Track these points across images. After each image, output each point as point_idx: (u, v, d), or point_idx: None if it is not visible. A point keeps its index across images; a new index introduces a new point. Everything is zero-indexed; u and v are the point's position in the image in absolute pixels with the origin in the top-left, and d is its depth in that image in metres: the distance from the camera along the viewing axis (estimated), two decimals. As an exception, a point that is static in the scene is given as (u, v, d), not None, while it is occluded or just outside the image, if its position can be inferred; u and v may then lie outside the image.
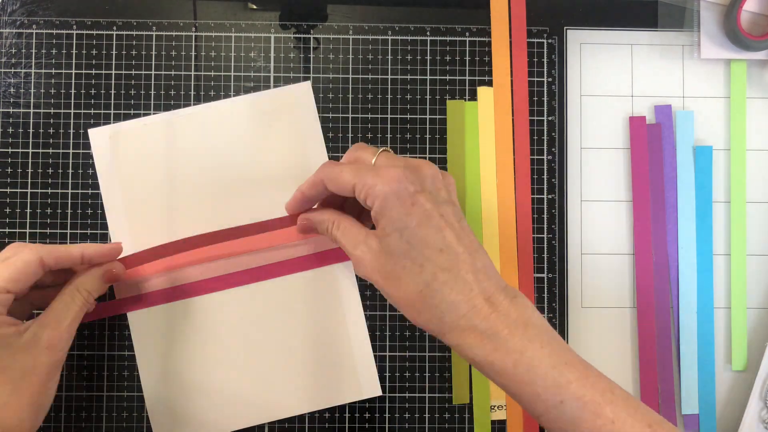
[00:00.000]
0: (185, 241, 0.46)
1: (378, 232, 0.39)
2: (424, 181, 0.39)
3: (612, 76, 0.51)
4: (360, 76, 0.50)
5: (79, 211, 0.49)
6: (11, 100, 0.49)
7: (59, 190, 0.49)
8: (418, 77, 0.50)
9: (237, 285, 0.48)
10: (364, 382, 0.48)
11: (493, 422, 0.49)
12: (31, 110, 0.49)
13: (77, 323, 0.42)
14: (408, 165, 0.39)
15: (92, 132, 0.49)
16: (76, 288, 0.42)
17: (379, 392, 0.48)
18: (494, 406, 0.49)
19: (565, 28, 0.51)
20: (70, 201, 0.49)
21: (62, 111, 0.49)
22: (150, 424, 0.48)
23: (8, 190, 0.49)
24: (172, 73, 0.50)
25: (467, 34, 0.51)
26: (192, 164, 0.49)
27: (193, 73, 0.50)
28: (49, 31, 0.50)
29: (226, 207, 0.48)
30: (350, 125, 0.50)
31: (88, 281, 0.43)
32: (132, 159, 0.49)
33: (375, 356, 0.49)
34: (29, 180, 0.49)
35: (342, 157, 0.43)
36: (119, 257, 0.45)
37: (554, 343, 0.37)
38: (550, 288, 0.50)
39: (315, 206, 0.45)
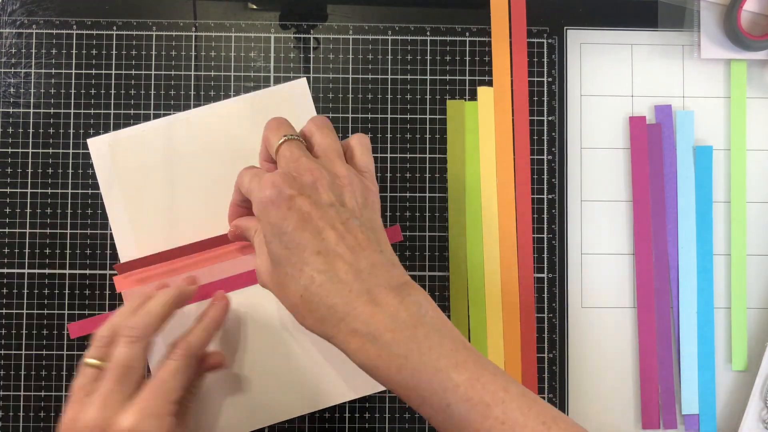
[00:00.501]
0: (190, 247, 0.46)
1: (264, 240, 0.38)
2: (304, 185, 0.37)
3: (612, 76, 0.51)
4: (360, 76, 0.50)
5: (79, 211, 0.49)
6: (11, 100, 0.49)
7: (59, 190, 0.49)
8: (418, 77, 0.50)
9: (234, 288, 0.48)
10: (361, 379, 0.48)
11: None
12: (31, 110, 0.49)
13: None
14: (293, 167, 0.38)
15: (91, 141, 0.48)
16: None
17: (379, 388, 0.48)
18: None
19: (565, 28, 0.51)
20: (70, 201, 0.49)
21: (62, 111, 0.49)
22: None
23: (8, 190, 0.49)
24: (172, 73, 0.50)
25: (467, 34, 0.51)
26: (192, 167, 0.48)
27: (193, 73, 0.50)
28: (49, 31, 0.50)
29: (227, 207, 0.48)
30: (350, 125, 0.50)
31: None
32: (132, 165, 0.48)
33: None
34: (29, 180, 0.49)
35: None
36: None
37: (446, 343, 0.35)
38: (550, 288, 0.50)
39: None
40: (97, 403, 0.38)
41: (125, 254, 0.48)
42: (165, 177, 0.48)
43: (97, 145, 0.48)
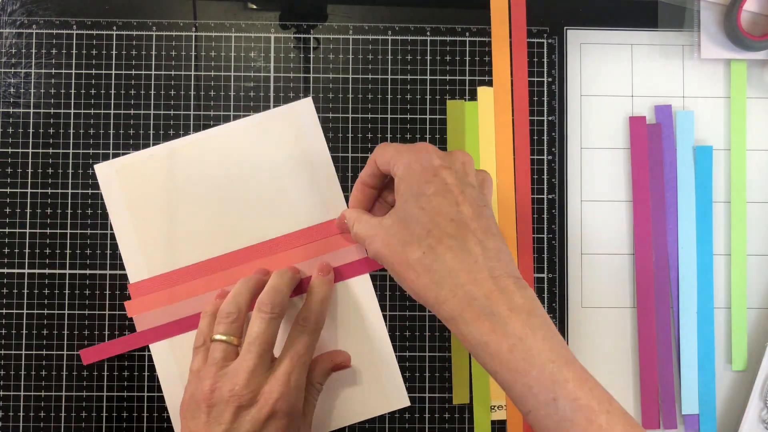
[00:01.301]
0: (207, 264, 0.47)
1: (395, 202, 0.40)
2: (454, 161, 0.40)
3: (612, 76, 0.51)
4: (360, 76, 0.50)
5: (79, 211, 0.49)
6: (11, 100, 0.49)
7: (59, 190, 0.49)
8: (418, 77, 0.50)
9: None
10: (390, 394, 0.48)
11: (493, 422, 0.49)
12: (31, 110, 0.49)
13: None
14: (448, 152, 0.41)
15: (98, 167, 0.49)
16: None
17: (407, 402, 0.48)
18: (494, 407, 0.49)
19: (565, 28, 0.51)
20: (70, 201, 0.49)
21: (62, 111, 0.49)
22: None
23: (8, 190, 0.49)
24: (172, 73, 0.50)
25: (467, 34, 0.51)
26: (200, 188, 0.48)
27: (193, 73, 0.50)
28: (49, 31, 0.50)
29: (240, 228, 0.48)
30: (350, 125, 0.50)
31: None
32: (139, 190, 0.48)
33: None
34: (29, 180, 0.49)
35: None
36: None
37: (556, 340, 0.35)
38: (550, 288, 0.50)
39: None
40: (243, 373, 0.40)
41: (135, 277, 0.48)
42: (173, 200, 0.48)
43: (105, 171, 0.49)
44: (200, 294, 0.48)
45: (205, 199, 0.48)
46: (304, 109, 0.49)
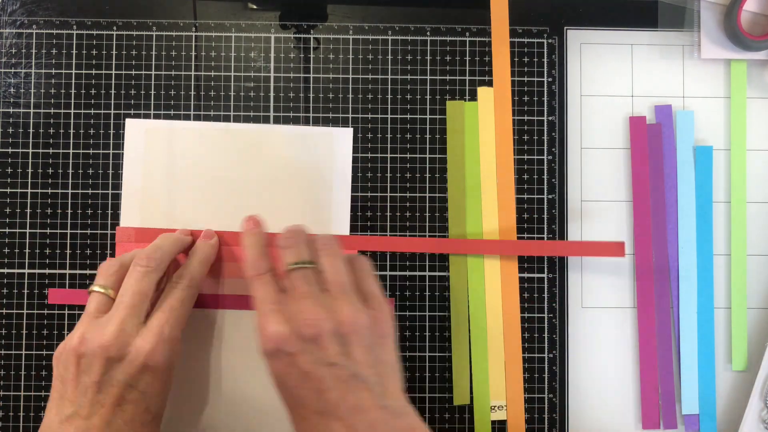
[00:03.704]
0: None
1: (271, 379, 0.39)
2: (306, 340, 0.37)
3: (612, 76, 0.51)
4: (360, 76, 0.50)
5: (79, 211, 0.49)
6: (11, 100, 0.49)
7: (59, 190, 0.49)
8: (418, 77, 0.50)
9: (242, 308, 0.48)
10: None
11: (493, 422, 0.49)
12: (31, 110, 0.49)
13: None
14: (295, 309, 0.38)
15: (130, 122, 0.49)
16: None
17: None
18: (494, 407, 0.49)
19: (565, 28, 0.51)
20: (70, 201, 0.49)
21: (62, 111, 0.49)
22: None
23: (8, 190, 0.49)
24: (172, 73, 0.50)
25: (467, 34, 0.51)
26: (219, 174, 0.49)
27: (193, 73, 0.50)
28: (49, 31, 0.50)
29: (237, 217, 0.48)
30: (350, 125, 0.50)
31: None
32: (160, 156, 0.49)
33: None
34: (29, 180, 0.49)
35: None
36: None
37: None
38: (550, 288, 0.50)
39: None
40: (113, 325, 0.40)
41: (127, 222, 0.49)
42: (189, 176, 0.49)
43: (135, 127, 0.49)
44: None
45: (223, 184, 0.49)
46: (342, 137, 0.49)
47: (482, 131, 0.50)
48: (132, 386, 0.39)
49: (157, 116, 0.49)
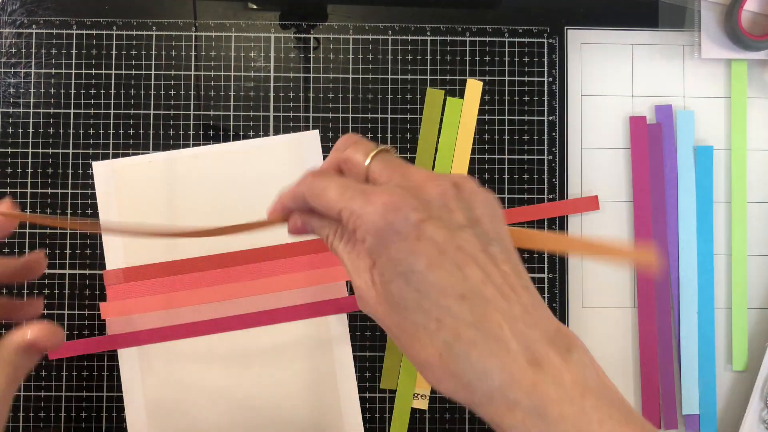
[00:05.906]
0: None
1: (377, 277, 0.30)
2: (430, 203, 0.29)
3: (612, 76, 0.51)
4: (360, 76, 0.50)
5: (79, 211, 0.49)
6: (11, 100, 0.49)
7: (59, 190, 0.49)
8: (418, 77, 0.50)
9: (229, 329, 0.48)
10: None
11: (413, 410, 0.48)
12: (31, 110, 0.49)
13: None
14: (409, 179, 0.30)
15: (96, 165, 0.49)
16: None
17: None
18: (417, 395, 0.48)
19: (565, 28, 0.51)
20: (70, 201, 0.49)
21: (62, 111, 0.49)
22: None
23: (8, 190, 0.49)
24: (172, 73, 0.50)
25: (467, 34, 0.51)
26: (192, 203, 0.48)
27: (193, 73, 0.50)
28: (49, 31, 0.50)
29: (222, 247, 0.48)
30: (350, 125, 0.50)
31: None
32: (132, 193, 0.48)
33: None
34: (29, 180, 0.49)
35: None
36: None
37: (615, 414, 0.28)
38: (550, 288, 0.50)
39: None
40: None
41: (113, 264, 0.48)
42: (164, 209, 0.48)
43: (102, 169, 0.49)
44: (174, 307, 0.48)
45: (195, 212, 0.48)
46: (309, 141, 0.49)
47: (463, 124, 0.50)
48: None
49: (156, 116, 0.49)
